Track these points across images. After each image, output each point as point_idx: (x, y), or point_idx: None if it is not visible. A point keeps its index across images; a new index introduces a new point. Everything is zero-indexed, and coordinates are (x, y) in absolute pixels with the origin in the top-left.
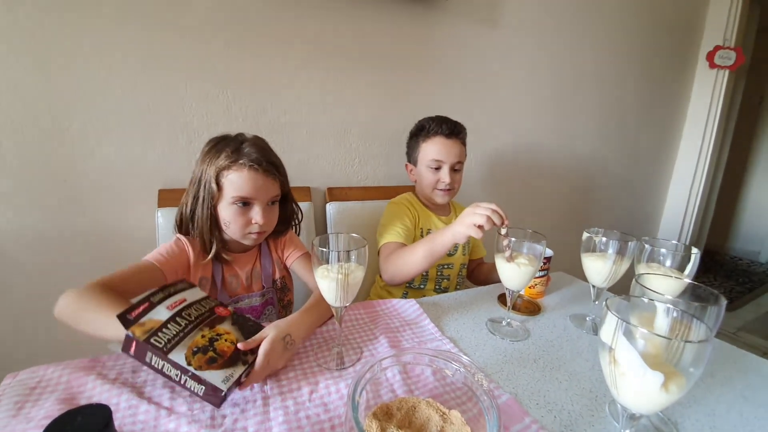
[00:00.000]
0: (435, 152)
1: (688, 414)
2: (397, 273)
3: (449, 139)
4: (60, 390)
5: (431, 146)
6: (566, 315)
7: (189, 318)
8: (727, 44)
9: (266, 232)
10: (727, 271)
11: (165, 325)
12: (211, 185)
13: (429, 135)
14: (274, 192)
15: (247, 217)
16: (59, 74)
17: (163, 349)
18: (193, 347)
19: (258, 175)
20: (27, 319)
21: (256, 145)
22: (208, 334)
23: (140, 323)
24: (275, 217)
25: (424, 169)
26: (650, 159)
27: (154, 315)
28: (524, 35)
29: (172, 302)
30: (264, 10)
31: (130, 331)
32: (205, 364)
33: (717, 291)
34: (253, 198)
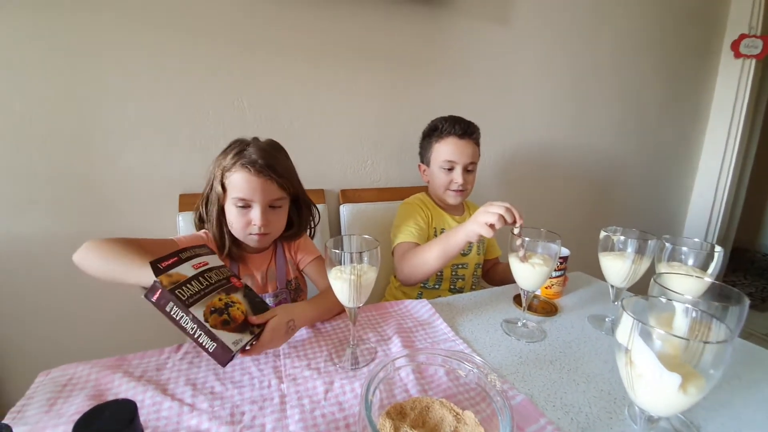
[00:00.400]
0: (448, 153)
1: (712, 417)
2: (412, 273)
3: (462, 139)
4: (89, 387)
5: (444, 147)
6: (584, 316)
7: (210, 280)
8: (752, 32)
9: (270, 234)
10: (759, 270)
11: (189, 281)
12: (216, 186)
13: (442, 135)
14: (274, 195)
15: (246, 218)
16: (83, 86)
17: (186, 302)
18: (211, 307)
19: (254, 177)
20: (57, 321)
21: (261, 148)
22: (225, 299)
23: (168, 274)
24: (280, 220)
25: (437, 169)
26: (673, 154)
27: (181, 270)
28: (537, 31)
29: (196, 262)
30: (275, 16)
31: (158, 279)
32: (220, 324)
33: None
34: (251, 199)
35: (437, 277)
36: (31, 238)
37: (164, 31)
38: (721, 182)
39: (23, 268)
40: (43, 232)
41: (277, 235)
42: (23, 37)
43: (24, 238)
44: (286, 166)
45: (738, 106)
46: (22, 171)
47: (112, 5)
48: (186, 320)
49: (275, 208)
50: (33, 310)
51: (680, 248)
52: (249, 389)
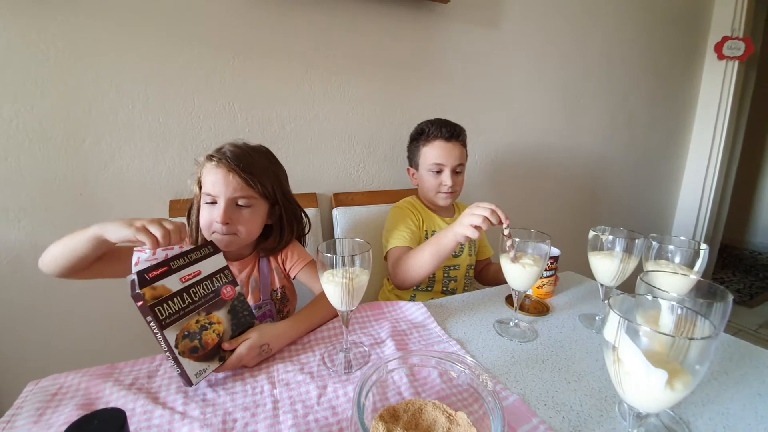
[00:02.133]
0: (435, 156)
1: (701, 413)
2: (406, 278)
3: (449, 142)
4: (79, 396)
5: (431, 150)
6: (575, 315)
7: (194, 296)
8: (735, 34)
9: (235, 237)
10: (747, 267)
11: (172, 297)
12: (194, 186)
13: (429, 139)
14: (240, 191)
15: (212, 216)
16: (73, 91)
17: (162, 322)
18: (185, 330)
19: (216, 169)
20: (47, 330)
21: (237, 146)
22: (202, 320)
23: (153, 286)
24: (248, 221)
25: (426, 172)
26: (661, 154)
27: (167, 283)
28: (528, 35)
29: (187, 273)
30: (266, 21)
31: (142, 291)
32: (188, 351)
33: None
34: (216, 194)
35: (430, 280)
36: (21, 245)
37: (155, 37)
38: (707, 181)
39: (12, 276)
40: (33, 239)
41: (246, 239)
42: (14, 43)
43: (13, 245)
44: (262, 165)
45: (722, 106)
46: (11, 177)
47: (104, 12)
48: (160, 337)
49: (243, 207)
50: (22, 319)
51: (667, 246)
52: (242, 395)
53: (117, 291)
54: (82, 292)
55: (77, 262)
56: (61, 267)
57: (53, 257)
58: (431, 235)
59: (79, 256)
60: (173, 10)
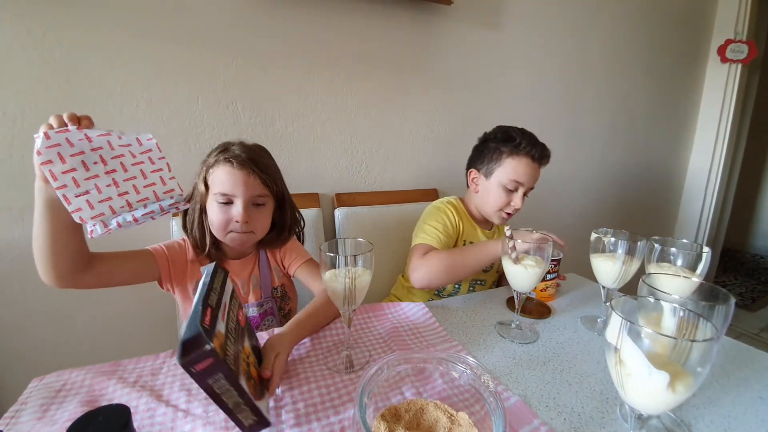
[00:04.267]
0: (519, 173)
1: (703, 415)
2: (433, 279)
3: (535, 162)
4: (83, 393)
5: (518, 165)
6: (577, 317)
7: (233, 334)
8: (738, 38)
9: (252, 234)
10: (749, 270)
11: (227, 342)
12: (199, 185)
13: (518, 151)
14: (257, 191)
15: (228, 215)
16: (76, 90)
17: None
18: (244, 374)
19: (237, 171)
20: (51, 326)
21: (245, 146)
22: (243, 356)
23: (216, 334)
24: (263, 219)
25: (497, 185)
26: (663, 157)
27: (219, 326)
28: (530, 37)
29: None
30: (269, 22)
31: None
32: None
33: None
34: (233, 194)
35: (453, 290)
36: (24, 244)
37: (159, 37)
38: (710, 184)
39: (16, 274)
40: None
41: (260, 237)
42: (19, 41)
43: (17, 243)
44: (270, 164)
45: (725, 109)
46: (15, 175)
47: (109, 12)
48: (231, 394)
49: (258, 206)
50: (26, 316)
51: (669, 249)
52: None
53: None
54: (84, 292)
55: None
56: (49, 259)
57: (37, 254)
58: None
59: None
60: (177, 11)
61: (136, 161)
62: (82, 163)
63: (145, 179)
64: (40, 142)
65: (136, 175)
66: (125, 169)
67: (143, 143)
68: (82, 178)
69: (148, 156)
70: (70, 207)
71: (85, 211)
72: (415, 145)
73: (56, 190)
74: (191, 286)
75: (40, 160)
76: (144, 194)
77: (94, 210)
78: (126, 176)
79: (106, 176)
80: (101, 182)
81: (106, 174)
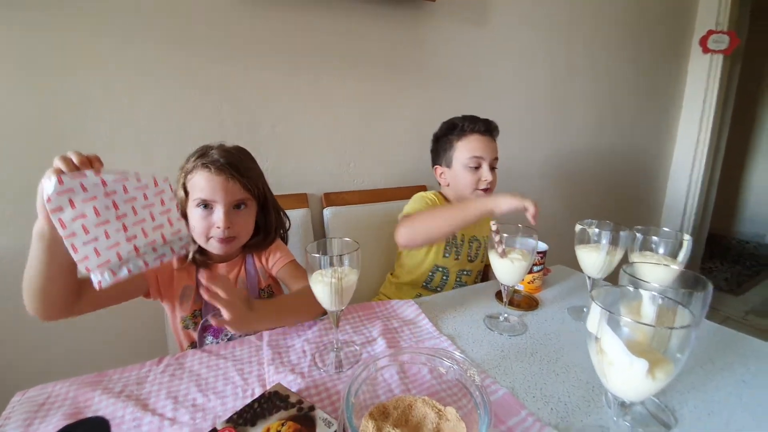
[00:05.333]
0: (473, 149)
1: (686, 400)
2: (417, 234)
3: (485, 136)
4: (67, 405)
5: (469, 144)
6: (564, 307)
7: None
8: (720, 28)
9: (234, 238)
10: (734, 255)
11: None
12: (179, 190)
13: (464, 133)
14: (237, 195)
15: (208, 221)
16: (58, 95)
17: None
18: None
19: (215, 176)
20: (34, 339)
21: (223, 150)
22: None
23: None
24: (245, 223)
25: (462, 169)
26: (648, 148)
27: None
28: (514, 33)
29: None
30: (252, 23)
31: None
32: None
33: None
34: (213, 199)
35: (441, 280)
36: (6, 253)
37: (141, 39)
38: (694, 173)
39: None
40: (20, 247)
41: (244, 241)
42: None
43: None
44: (250, 167)
45: (708, 99)
46: None
47: (89, 15)
48: None
49: (240, 210)
50: (8, 328)
51: (651, 238)
52: (232, 399)
53: None
54: None
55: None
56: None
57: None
58: (458, 238)
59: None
60: (159, 12)
61: (147, 203)
62: (93, 209)
63: (153, 221)
64: (53, 188)
65: (146, 217)
66: (135, 213)
67: (159, 184)
68: (92, 225)
69: (161, 197)
70: (77, 255)
71: (91, 259)
72: (403, 142)
73: (64, 239)
74: (178, 292)
75: (49, 207)
76: (152, 237)
77: (100, 257)
78: (135, 220)
79: (117, 221)
80: (111, 228)
81: (116, 219)
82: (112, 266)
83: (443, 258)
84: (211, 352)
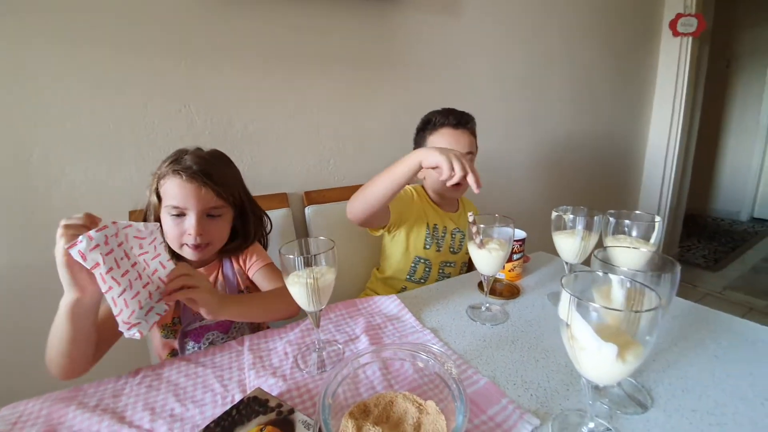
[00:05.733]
0: (443, 143)
1: (661, 379)
2: (356, 204)
3: (457, 129)
4: (40, 423)
5: (439, 138)
6: (544, 294)
7: None
8: (688, 11)
9: (209, 245)
10: (710, 233)
11: None
12: (152, 196)
13: (436, 127)
14: (210, 203)
15: (181, 228)
16: (13, 105)
17: None
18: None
19: (187, 183)
20: (5, 355)
21: (197, 156)
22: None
23: None
24: (219, 231)
25: None
26: (624, 132)
27: None
28: (488, 22)
29: None
30: (215, 20)
31: None
32: None
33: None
34: (185, 207)
35: (424, 273)
36: None
37: (98, 41)
38: (669, 155)
39: None
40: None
41: (217, 248)
42: None
43: None
44: (226, 174)
45: (680, 82)
46: None
47: (42, 18)
48: None
49: (213, 217)
50: None
51: (623, 221)
52: (211, 406)
53: None
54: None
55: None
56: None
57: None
58: (440, 231)
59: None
60: (116, 13)
61: (142, 251)
62: (115, 261)
63: (149, 267)
64: (84, 245)
65: (146, 265)
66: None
67: (151, 230)
68: (118, 276)
69: (154, 244)
70: (116, 309)
71: (124, 312)
72: (382, 137)
73: (105, 293)
74: None
75: (87, 265)
76: (155, 283)
77: (128, 308)
78: (144, 267)
79: (133, 269)
80: (131, 276)
81: (132, 267)
82: (138, 316)
83: (424, 249)
84: (190, 360)
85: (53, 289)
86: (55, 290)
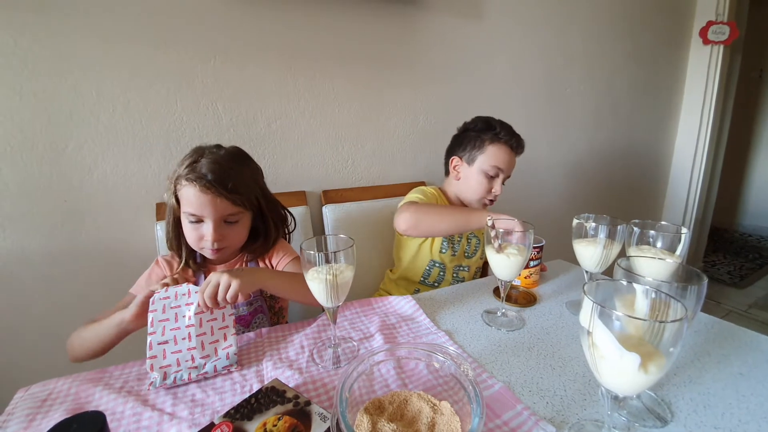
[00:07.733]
0: (500, 160)
1: (682, 393)
2: (421, 223)
3: (513, 151)
4: (69, 401)
5: (498, 152)
6: (562, 302)
7: None
8: (719, 19)
9: (228, 248)
10: (737, 249)
11: None
12: (170, 198)
13: (499, 139)
14: (226, 210)
15: (199, 233)
16: (52, 98)
17: None
18: None
19: (202, 193)
20: (38, 337)
21: (214, 161)
22: None
23: None
24: (237, 234)
25: (479, 172)
26: (649, 141)
27: None
28: (510, 26)
29: None
30: (243, 20)
31: None
32: None
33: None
34: (201, 215)
35: (438, 275)
36: (6, 255)
37: (133, 39)
38: (696, 166)
39: None
40: (19, 248)
41: (237, 247)
42: None
43: None
44: (244, 177)
45: (709, 91)
46: None
47: (80, 16)
48: None
49: (231, 223)
50: (10, 328)
51: (648, 232)
52: (230, 394)
53: (105, 296)
54: (72, 300)
55: (105, 348)
56: (91, 354)
57: (85, 346)
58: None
59: (107, 344)
60: (150, 12)
61: (212, 317)
62: (174, 315)
63: (212, 335)
64: (161, 294)
65: (207, 331)
66: (201, 325)
67: None
68: (169, 328)
69: (223, 312)
70: (150, 352)
71: (158, 359)
72: (401, 138)
73: (149, 335)
74: None
75: (151, 306)
76: (207, 351)
77: (165, 360)
78: (200, 331)
79: (186, 329)
80: (180, 334)
81: (186, 327)
82: (168, 371)
83: (440, 253)
84: None
85: (82, 273)
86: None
